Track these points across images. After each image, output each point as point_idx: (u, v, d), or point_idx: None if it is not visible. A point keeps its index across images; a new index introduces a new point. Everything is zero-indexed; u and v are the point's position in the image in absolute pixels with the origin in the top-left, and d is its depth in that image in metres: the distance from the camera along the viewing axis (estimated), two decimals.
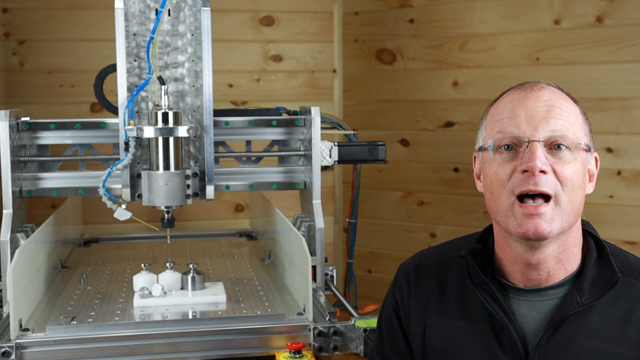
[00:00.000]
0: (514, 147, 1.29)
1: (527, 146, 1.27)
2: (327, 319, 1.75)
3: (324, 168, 2.24)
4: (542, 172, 1.25)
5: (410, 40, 3.13)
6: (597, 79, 2.73)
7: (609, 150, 2.72)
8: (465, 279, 1.38)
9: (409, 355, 1.45)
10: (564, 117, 1.29)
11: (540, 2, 2.81)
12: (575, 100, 1.36)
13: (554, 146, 1.27)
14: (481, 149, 1.36)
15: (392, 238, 3.24)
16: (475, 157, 1.42)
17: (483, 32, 2.95)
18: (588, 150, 1.33)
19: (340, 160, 2.17)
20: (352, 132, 2.31)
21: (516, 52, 2.88)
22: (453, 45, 3.02)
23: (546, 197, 1.26)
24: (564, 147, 1.28)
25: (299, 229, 2.14)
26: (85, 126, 2.10)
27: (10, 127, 1.98)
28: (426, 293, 1.43)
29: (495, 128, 1.32)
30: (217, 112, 2.16)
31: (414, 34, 3.12)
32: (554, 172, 1.26)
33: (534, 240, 1.27)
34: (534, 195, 1.26)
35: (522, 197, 1.26)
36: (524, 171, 1.25)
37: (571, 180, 1.27)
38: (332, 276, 2.21)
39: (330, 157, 2.15)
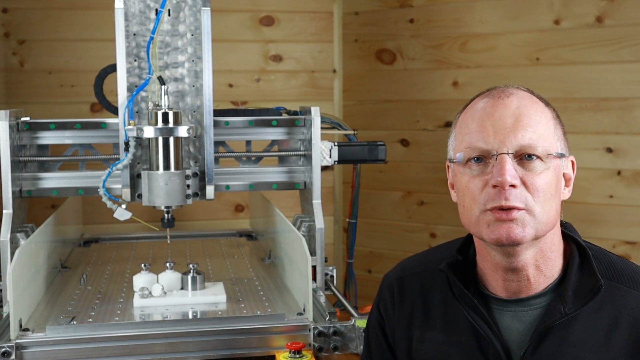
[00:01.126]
0: (483, 159, 1.26)
1: (496, 159, 1.23)
2: (327, 319, 1.75)
3: (324, 168, 2.24)
4: (512, 186, 1.22)
5: (410, 40, 3.13)
6: (597, 79, 2.73)
7: (609, 150, 2.72)
8: (448, 292, 1.36)
9: None
10: (533, 126, 1.25)
11: (540, 2, 2.81)
12: (546, 103, 1.32)
13: (524, 156, 1.24)
14: (451, 161, 1.34)
15: (392, 238, 3.24)
16: (448, 166, 1.39)
17: (483, 32, 2.95)
18: (561, 156, 1.29)
19: (340, 160, 2.17)
20: (352, 132, 2.31)
21: (516, 52, 2.88)
22: (453, 45, 3.02)
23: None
24: (534, 157, 1.24)
25: (299, 229, 2.14)
26: (85, 126, 2.10)
27: (10, 127, 1.98)
28: (410, 306, 1.41)
29: (464, 141, 1.29)
30: (217, 112, 2.16)
31: (414, 34, 3.12)
32: (525, 184, 1.23)
33: (508, 246, 1.25)
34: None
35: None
36: (494, 186, 1.23)
37: (543, 191, 1.24)
38: (332, 276, 2.21)
39: (330, 157, 2.15)
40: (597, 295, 1.26)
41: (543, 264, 1.29)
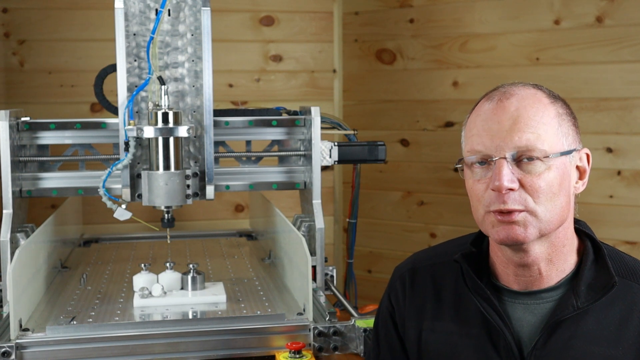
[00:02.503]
0: (486, 162, 1.29)
1: (494, 164, 1.26)
2: (327, 319, 1.75)
3: (324, 168, 2.24)
4: (511, 189, 1.24)
5: (410, 40, 3.13)
6: (597, 79, 2.73)
7: (609, 150, 2.72)
8: (460, 283, 1.38)
9: (406, 359, 1.45)
10: (532, 128, 1.26)
11: (540, 2, 2.81)
12: (554, 99, 1.33)
13: (523, 159, 1.26)
14: (460, 161, 1.36)
15: (392, 238, 3.24)
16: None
17: (483, 32, 2.95)
18: (568, 153, 1.30)
19: (340, 160, 2.17)
20: (352, 132, 2.31)
21: (516, 52, 2.88)
22: (453, 45, 3.02)
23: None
24: (534, 158, 1.26)
25: (299, 229, 2.14)
26: (85, 126, 2.10)
27: (10, 127, 1.98)
28: (421, 296, 1.43)
29: (468, 144, 1.33)
30: (217, 112, 2.16)
31: (414, 34, 3.12)
32: (524, 185, 1.25)
33: (512, 246, 1.28)
34: None
35: None
36: (493, 190, 1.26)
37: (544, 192, 1.25)
38: (332, 276, 2.21)
39: (330, 157, 2.15)
40: (610, 291, 1.28)
41: (555, 257, 1.31)
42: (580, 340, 1.27)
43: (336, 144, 2.16)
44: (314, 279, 2.05)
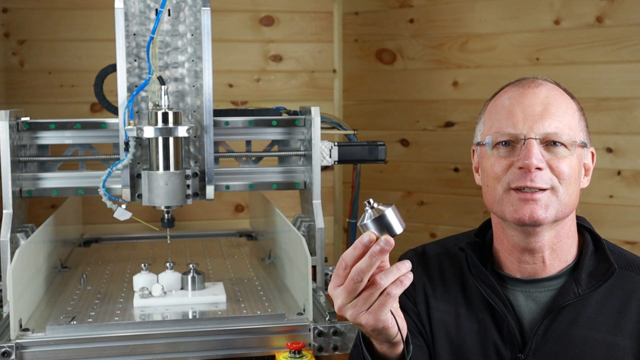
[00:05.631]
0: (511, 143, 1.33)
1: (524, 143, 1.30)
2: (327, 319, 1.75)
3: (324, 168, 2.24)
4: (538, 169, 1.29)
5: (410, 40, 3.13)
6: (597, 79, 2.73)
7: (609, 150, 2.72)
8: (465, 271, 1.43)
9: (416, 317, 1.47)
10: (560, 116, 1.32)
11: (540, 2, 2.81)
12: (572, 97, 1.39)
13: (550, 143, 1.31)
14: (479, 144, 1.41)
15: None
16: (473, 150, 1.46)
17: (483, 32, 2.95)
18: (584, 146, 1.36)
19: (340, 160, 2.17)
20: (352, 132, 2.30)
21: (516, 52, 2.88)
22: (453, 45, 3.02)
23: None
24: (559, 144, 1.31)
25: (299, 229, 2.14)
26: (85, 126, 2.10)
27: (10, 127, 1.98)
28: (429, 278, 1.47)
29: (494, 126, 1.36)
30: (217, 112, 2.16)
31: (414, 34, 3.12)
32: (551, 167, 1.30)
33: (530, 226, 1.31)
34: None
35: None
36: (521, 167, 1.30)
37: (568, 174, 1.31)
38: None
39: (330, 157, 2.15)
40: (610, 278, 1.33)
41: (559, 248, 1.36)
42: (581, 326, 1.31)
43: (336, 144, 2.16)
44: (314, 279, 2.05)
